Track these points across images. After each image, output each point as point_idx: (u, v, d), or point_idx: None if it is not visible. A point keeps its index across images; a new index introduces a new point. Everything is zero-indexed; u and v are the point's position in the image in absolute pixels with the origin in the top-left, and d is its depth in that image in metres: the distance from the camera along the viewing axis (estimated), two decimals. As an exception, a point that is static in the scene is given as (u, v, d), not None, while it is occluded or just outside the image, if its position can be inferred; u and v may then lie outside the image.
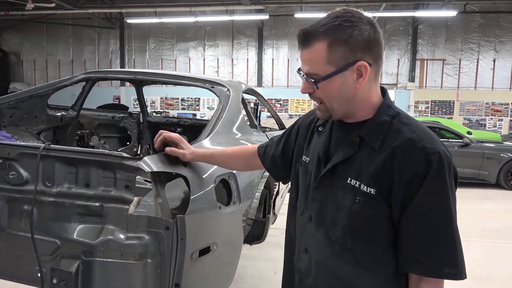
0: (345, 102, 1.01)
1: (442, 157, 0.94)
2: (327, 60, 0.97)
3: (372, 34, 0.97)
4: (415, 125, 1.00)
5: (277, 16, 16.19)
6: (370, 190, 0.96)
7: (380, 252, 0.99)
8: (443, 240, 0.94)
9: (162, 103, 17.61)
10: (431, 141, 0.96)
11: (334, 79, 0.97)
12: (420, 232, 0.95)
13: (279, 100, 16.90)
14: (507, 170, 7.88)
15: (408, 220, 0.95)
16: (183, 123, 4.73)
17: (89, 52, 18.12)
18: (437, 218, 0.94)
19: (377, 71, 1.03)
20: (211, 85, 2.69)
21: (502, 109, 15.83)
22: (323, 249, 1.06)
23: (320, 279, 1.07)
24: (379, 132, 0.99)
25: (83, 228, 1.55)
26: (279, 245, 4.40)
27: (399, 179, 0.94)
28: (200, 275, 1.69)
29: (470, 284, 3.45)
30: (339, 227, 1.02)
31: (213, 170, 1.77)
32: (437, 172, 0.93)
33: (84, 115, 3.99)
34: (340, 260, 1.03)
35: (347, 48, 0.95)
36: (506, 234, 5.00)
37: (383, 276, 1.00)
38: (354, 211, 0.99)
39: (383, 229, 0.98)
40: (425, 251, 0.94)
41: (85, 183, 1.57)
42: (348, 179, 1.00)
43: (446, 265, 0.93)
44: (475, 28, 15.73)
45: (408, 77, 16.19)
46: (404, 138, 0.96)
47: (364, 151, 1.00)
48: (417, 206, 0.94)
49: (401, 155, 0.94)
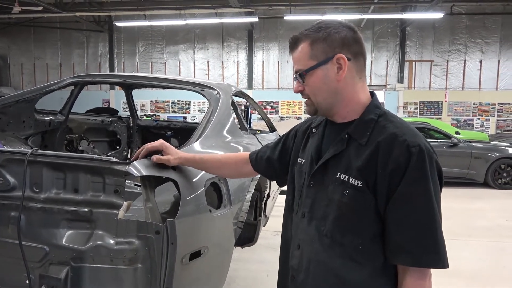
0: (328, 95, 1.09)
1: (422, 150, 0.99)
2: (310, 56, 1.08)
3: (349, 34, 1.07)
4: (399, 122, 1.06)
5: (267, 18, 16.25)
6: (357, 183, 1.02)
7: (368, 244, 1.03)
8: (424, 230, 0.98)
9: (152, 106, 17.53)
10: (413, 135, 1.02)
11: (317, 72, 1.08)
12: (402, 222, 0.99)
13: (270, 102, 16.94)
14: (494, 170, 8.01)
15: (392, 211, 1.00)
16: (173, 126, 4.71)
17: (78, 55, 17.97)
18: (418, 208, 0.98)
19: (359, 67, 1.10)
20: (200, 88, 2.69)
21: (489, 109, 16.09)
22: (314, 244, 1.10)
23: (311, 274, 1.10)
24: (366, 129, 1.06)
25: (72, 234, 1.53)
26: (271, 247, 4.41)
27: (383, 171, 1.00)
28: (191, 279, 1.68)
29: (460, 282, 3.50)
30: (329, 221, 1.07)
31: (204, 174, 1.76)
32: (418, 164, 0.98)
33: (73, 119, 3.95)
34: (330, 254, 1.07)
35: (326, 44, 1.07)
36: (495, 233, 5.08)
37: (371, 269, 1.04)
38: (343, 203, 1.04)
39: (370, 221, 1.03)
40: (408, 241, 0.98)
41: (73, 188, 1.55)
42: (338, 174, 1.06)
43: (428, 254, 0.98)
44: (462, 30, 15.99)
45: (397, 78, 16.37)
46: (388, 133, 1.02)
47: (352, 147, 1.06)
48: (400, 196, 0.99)
49: (384, 148, 1.00)
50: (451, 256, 3.84)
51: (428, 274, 1.02)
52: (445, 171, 5.72)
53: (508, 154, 8.06)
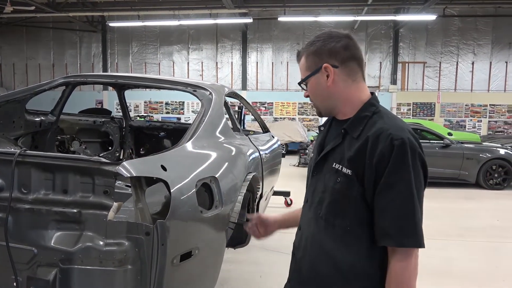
0: (323, 98, 1.26)
1: (405, 143, 1.09)
2: (306, 67, 1.27)
3: (336, 44, 1.22)
4: (390, 118, 1.17)
5: (261, 19, 16.27)
6: (348, 171, 1.14)
7: (355, 227, 1.15)
8: (405, 215, 1.08)
9: (146, 107, 17.45)
10: (398, 130, 1.11)
11: (312, 80, 1.25)
12: (386, 209, 1.10)
13: (264, 103, 16.95)
14: (486, 170, 8.07)
15: (377, 199, 1.11)
16: (166, 127, 4.69)
17: (71, 56, 17.85)
18: (399, 196, 1.09)
19: (351, 71, 1.23)
20: (193, 88, 2.68)
21: (481, 111, 16.24)
22: (312, 225, 1.25)
23: (308, 251, 1.25)
24: (359, 124, 1.18)
25: (60, 235, 1.52)
26: (264, 249, 4.40)
27: (370, 162, 1.11)
28: (182, 280, 1.67)
29: (452, 282, 3.52)
30: (324, 205, 1.21)
31: (194, 174, 1.76)
32: (399, 156, 1.08)
33: (64, 120, 3.92)
34: (324, 235, 1.21)
35: (315, 56, 1.24)
36: (487, 233, 5.11)
37: (358, 250, 1.16)
38: (335, 189, 1.17)
39: (357, 206, 1.15)
40: (391, 225, 1.09)
41: (62, 189, 1.53)
42: (334, 164, 1.19)
43: (408, 236, 1.08)
44: (454, 32, 16.13)
45: (390, 80, 16.47)
46: (376, 128, 1.13)
47: (347, 140, 1.19)
48: (384, 185, 1.10)
49: (372, 142, 1.11)
50: (442, 256, 3.87)
51: (413, 253, 1.10)
52: (437, 171, 5.78)
53: (499, 155, 8.12)
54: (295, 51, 16.71)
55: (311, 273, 1.24)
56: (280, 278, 3.50)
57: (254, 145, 3.15)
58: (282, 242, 4.50)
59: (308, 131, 15.05)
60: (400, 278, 1.10)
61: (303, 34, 16.61)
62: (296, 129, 13.91)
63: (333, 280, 1.18)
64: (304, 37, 16.63)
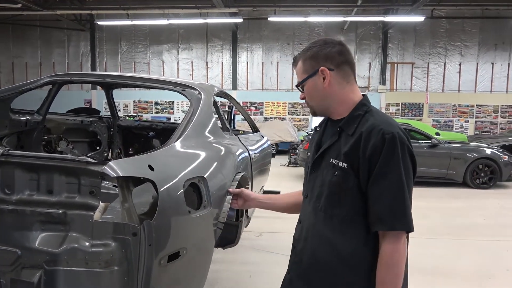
0: (320, 99, 1.36)
1: (395, 137, 1.20)
2: (303, 71, 1.37)
3: (333, 49, 1.33)
4: (381, 116, 1.29)
5: (251, 19, 16.26)
6: (344, 165, 1.25)
7: (353, 216, 1.25)
8: (396, 201, 1.18)
9: (135, 106, 17.30)
10: (388, 125, 1.23)
11: (309, 82, 1.36)
12: (378, 196, 1.20)
13: (254, 103, 16.95)
14: (473, 170, 8.20)
15: (371, 188, 1.21)
16: (155, 126, 4.65)
17: (59, 54, 17.60)
18: (390, 184, 1.19)
19: (345, 74, 1.34)
20: (182, 88, 2.66)
21: (468, 111, 16.49)
22: (312, 218, 1.34)
23: (308, 242, 1.34)
24: (354, 122, 1.28)
25: (45, 237, 1.49)
26: (255, 248, 4.40)
27: (364, 155, 1.21)
28: (170, 281, 1.66)
29: (439, 279, 3.56)
30: (323, 198, 1.31)
31: (182, 174, 1.74)
32: (390, 148, 1.19)
33: (51, 119, 3.86)
34: (324, 226, 1.30)
35: (312, 60, 1.34)
36: (473, 231, 5.19)
37: (356, 237, 1.25)
38: (332, 182, 1.27)
39: (353, 197, 1.25)
40: (383, 211, 1.19)
41: (47, 189, 1.51)
42: (331, 159, 1.30)
43: (398, 220, 1.18)
44: (442, 33, 16.33)
45: (379, 80, 16.61)
46: (369, 124, 1.24)
47: (343, 137, 1.29)
48: (376, 175, 1.20)
49: (365, 137, 1.22)
50: (430, 255, 3.92)
51: (401, 238, 1.19)
52: (425, 171, 5.87)
53: (486, 154, 8.26)
54: (285, 51, 16.79)
55: (312, 262, 1.32)
56: (270, 277, 3.53)
57: (244, 145, 3.15)
58: (270, 242, 4.54)
59: (298, 131, 15.09)
60: (389, 261, 1.19)
61: (293, 34, 16.65)
62: (286, 129, 13.94)
63: (333, 267, 1.27)
64: (294, 37, 16.67)
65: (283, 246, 4.48)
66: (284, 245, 4.46)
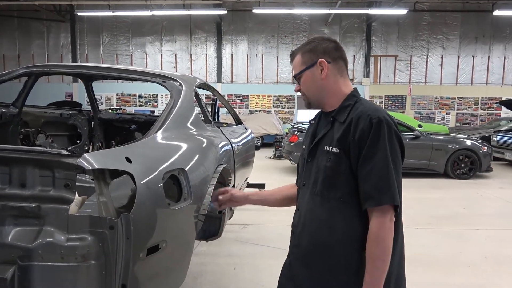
0: (316, 89, 1.45)
1: (381, 120, 1.29)
2: (301, 63, 1.47)
3: (330, 45, 1.45)
4: (369, 104, 1.40)
5: (236, 11, 16.13)
6: (336, 150, 1.35)
7: (346, 196, 1.34)
8: (382, 178, 1.27)
9: (118, 99, 17.02)
10: (376, 111, 1.33)
11: (307, 73, 1.45)
12: (367, 175, 1.29)
13: (239, 96, 16.88)
14: (453, 161, 8.37)
15: (360, 168, 1.31)
16: (137, 119, 4.57)
17: (38, 46, 17.14)
18: (377, 164, 1.28)
19: (339, 68, 1.46)
20: (162, 79, 2.61)
21: (449, 103, 16.79)
22: (309, 203, 1.43)
23: (307, 225, 1.42)
24: (345, 111, 1.39)
25: (18, 231, 1.45)
26: (239, 241, 4.40)
27: (353, 139, 1.31)
28: (150, 274, 1.64)
29: (419, 268, 3.63)
30: (319, 183, 1.39)
31: (161, 166, 1.71)
32: (376, 131, 1.28)
33: (28, 112, 3.75)
34: (320, 208, 1.38)
35: (312, 53, 1.45)
36: (453, 221, 5.31)
37: (350, 216, 1.33)
38: (327, 167, 1.36)
39: (346, 179, 1.34)
40: (371, 188, 1.28)
41: (20, 183, 1.46)
42: (325, 147, 1.39)
43: (384, 194, 1.26)
44: (424, 26, 16.53)
45: (363, 73, 16.74)
46: (358, 111, 1.35)
47: (335, 126, 1.39)
48: (365, 156, 1.29)
49: (355, 122, 1.32)
50: (412, 244, 3.97)
51: (387, 214, 1.27)
52: (408, 162, 5.98)
53: (466, 145, 8.44)
54: (270, 43, 16.73)
55: (310, 245, 1.40)
56: (254, 269, 3.54)
57: (226, 137, 3.12)
58: (255, 234, 4.54)
59: (283, 124, 15.12)
60: (377, 235, 1.26)
61: (278, 26, 16.60)
62: (271, 122, 13.94)
63: (330, 248, 1.35)
64: (279, 29, 16.62)
65: (267, 238, 4.52)
66: (268, 237, 4.51)
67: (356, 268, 1.31)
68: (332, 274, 1.34)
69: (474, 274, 3.58)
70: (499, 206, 6.21)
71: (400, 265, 1.39)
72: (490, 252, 4.14)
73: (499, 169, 9.65)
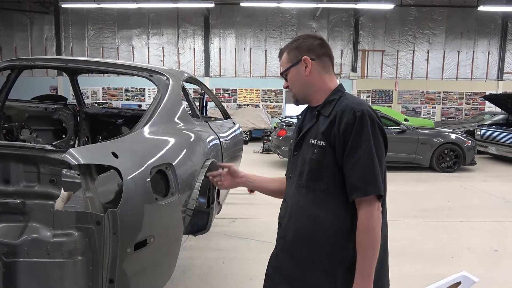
0: (301, 86, 1.49)
1: (364, 114, 1.33)
2: (287, 60, 1.51)
3: (315, 42, 1.49)
4: (353, 98, 1.44)
5: (223, 4, 16.00)
6: (321, 143, 1.38)
7: (332, 189, 1.37)
8: (367, 170, 1.31)
9: (104, 93, 16.78)
10: (359, 104, 1.36)
11: (292, 71, 1.49)
12: (352, 167, 1.32)
13: (227, 90, 16.81)
14: (439, 154, 8.51)
15: (346, 161, 1.34)
16: (124, 114, 4.52)
17: (21, 38, 16.74)
18: (362, 155, 1.31)
19: (324, 65, 1.50)
20: (149, 73, 2.59)
21: (435, 98, 17.03)
22: (295, 195, 1.46)
23: (292, 217, 1.46)
24: (330, 106, 1.42)
25: (3, 228, 1.43)
26: (227, 235, 4.42)
27: (338, 132, 1.34)
28: (137, 269, 1.63)
29: (405, 260, 3.70)
30: (304, 175, 1.42)
31: (148, 161, 1.71)
32: (360, 123, 1.32)
33: (12, 106, 3.68)
34: (306, 200, 1.41)
35: (297, 50, 1.49)
36: (438, 213, 5.42)
37: (335, 208, 1.37)
38: (312, 160, 1.39)
39: (331, 171, 1.37)
40: (357, 180, 1.31)
41: (3, 179, 1.44)
42: (310, 140, 1.43)
43: (370, 185, 1.30)
44: (411, 21, 16.68)
45: (351, 67, 16.83)
46: (342, 105, 1.39)
47: (320, 120, 1.43)
48: (350, 148, 1.32)
49: (339, 116, 1.36)
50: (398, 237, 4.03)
51: (375, 204, 1.31)
52: (394, 156, 6.06)
53: (451, 139, 8.59)
54: (258, 37, 16.67)
55: (296, 235, 1.43)
56: (242, 263, 3.56)
57: (214, 132, 3.12)
58: (243, 229, 4.56)
59: (272, 118, 15.13)
60: (366, 225, 1.30)
61: (266, 20, 16.54)
62: (259, 116, 13.94)
63: (315, 238, 1.38)
64: (267, 23, 16.56)
65: (255, 232, 4.55)
66: (256, 231, 4.53)
67: (341, 257, 1.35)
68: (317, 263, 1.37)
69: (458, 265, 3.66)
70: (482, 199, 6.35)
71: (384, 253, 1.42)
72: (473, 243, 4.24)
73: (483, 163, 9.85)
